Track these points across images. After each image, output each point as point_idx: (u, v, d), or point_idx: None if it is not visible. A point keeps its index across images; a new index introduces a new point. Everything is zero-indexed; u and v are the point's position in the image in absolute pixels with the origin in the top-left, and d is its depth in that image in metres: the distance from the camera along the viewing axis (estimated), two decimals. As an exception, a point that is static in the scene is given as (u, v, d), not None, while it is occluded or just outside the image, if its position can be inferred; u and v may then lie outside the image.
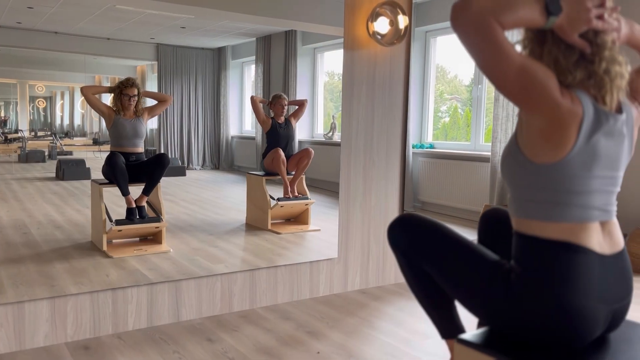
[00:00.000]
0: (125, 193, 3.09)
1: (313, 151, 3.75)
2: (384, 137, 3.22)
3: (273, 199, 3.85)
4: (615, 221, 1.28)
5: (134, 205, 3.12)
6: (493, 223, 1.55)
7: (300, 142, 4.08)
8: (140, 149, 3.33)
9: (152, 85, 3.77)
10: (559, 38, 1.21)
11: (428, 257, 1.40)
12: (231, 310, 2.79)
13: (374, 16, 3.03)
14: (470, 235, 1.68)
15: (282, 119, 3.88)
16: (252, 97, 3.98)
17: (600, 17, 1.18)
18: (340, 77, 3.13)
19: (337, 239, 3.12)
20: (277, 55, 3.99)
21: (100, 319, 2.42)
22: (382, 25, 3.05)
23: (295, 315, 2.76)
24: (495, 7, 1.10)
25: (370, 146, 3.19)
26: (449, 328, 1.50)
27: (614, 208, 1.28)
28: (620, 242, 1.26)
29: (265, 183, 3.92)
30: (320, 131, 4.21)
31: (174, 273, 2.81)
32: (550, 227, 1.21)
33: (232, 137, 4.04)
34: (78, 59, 3.54)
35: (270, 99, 3.94)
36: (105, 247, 3.02)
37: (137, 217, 3.13)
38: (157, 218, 3.24)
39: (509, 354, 1.18)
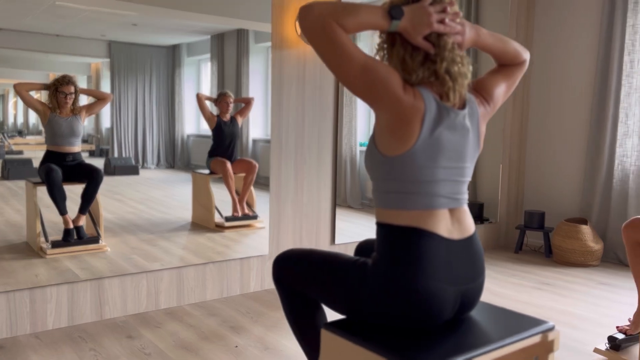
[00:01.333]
0: (62, 212, 2.97)
1: (257, 165, 3.76)
2: (316, 135, 3.28)
3: (221, 215, 3.84)
4: (464, 208, 1.35)
5: (72, 226, 3.00)
6: (366, 251, 1.65)
7: (254, 140, 4.09)
8: (77, 148, 3.28)
9: (106, 83, 3.74)
10: (406, 40, 1.29)
11: (304, 283, 1.47)
12: (157, 307, 2.81)
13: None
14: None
15: (228, 116, 3.89)
16: (197, 95, 3.97)
17: (441, 21, 1.27)
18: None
19: (268, 236, 3.17)
20: (230, 53, 4.00)
21: (17, 319, 2.42)
22: (309, 25, 3.10)
23: (222, 311, 2.80)
24: (336, 11, 1.18)
25: (302, 144, 3.24)
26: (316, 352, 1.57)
27: (464, 196, 1.35)
28: (469, 228, 1.34)
29: (210, 182, 3.93)
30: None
31: (106, 272, 2.82)
32: (401, 215, 1.28)
33: (188, 135, 3.98)
34: (29, 56, 3.49)
35: (216, 97, 3.94)
36: (38, 248, 3.00)
37: (75, 237, 3.03)
38: (96, 239, 3.18)
39: (369, 339, 1.23)
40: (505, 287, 3.31)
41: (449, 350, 1.17)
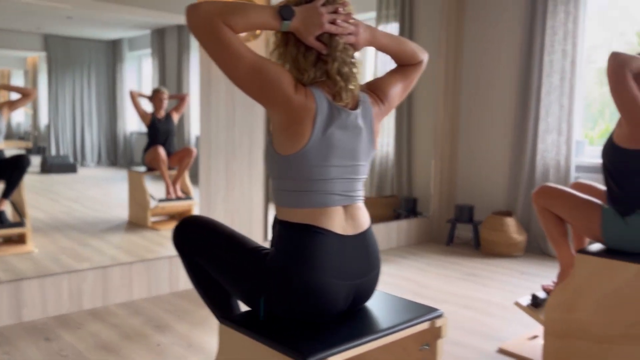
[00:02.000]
0: None
1: (195, 150, 3.74)
2: (247, 132, 3.28)
3: (154, 199, 3.81)
4: (359, 205, 1.40)
5: None
6: None
7: (197, 137, 4.06)
8: (0, 145, 3.19)
9: (43, 78, 3.60)
10: (299, 40, 1.31)
11: (203, 254, 1.48)
12: (80, 308, 2.75)
13: None
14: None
15: (163, 113, 3.84)
16: (130, 92, 3.90)
17: (333, 22, 1.30)
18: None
19: (197, 233, 3.15)
20: (171, 49, 3.93)
21: None
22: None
23: (148, 310, 2.77)
24: (223, 11, 1.18)
25: (232, 141, 3.24)
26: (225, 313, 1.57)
27: (358, 194, 1.40)
28: (363, 224, 1.39)
29: (144, 180, 3.87)
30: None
31: (29, 273, 2.73)
32: (296, 212, 1.32)
33: (130, 132, 3.92)
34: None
35: (150, 94, 3.89)
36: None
37: None
38: (20, 223, 3.10)
39: (263, 332, 1.26)
40: (432, 278, 3.42)
41: (338, 340, 1.22)
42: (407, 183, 4.77)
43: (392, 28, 4.59)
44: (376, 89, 1.46)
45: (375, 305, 1.44)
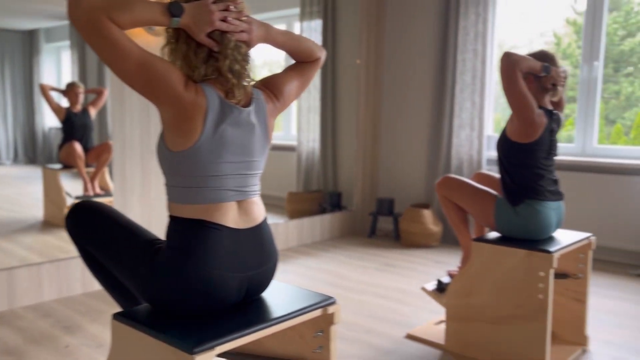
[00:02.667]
0: None
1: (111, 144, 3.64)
2: (162, 127, 3.23)
3: (70, 196, 3.67)
4: (253, 200, 1.42)
5: None
6: None
7: None
8: None
9: None
10: (190, 37, 1.32)
11: (95, 242, 1.46)
12: (-17, 313, 2.62)
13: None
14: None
15: (79, 107, 3.71)
16: (41, 85, 3.73)
17: (224, 20, 1.31)
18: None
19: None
20: None
21: None
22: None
23: (58, 312, 2.68)
24: (107, 6, 1.16)
25: (148, 136, 3.18)
26: (128, 304, 1.57)
27: (253, 189, 1.42)
28: (257, 218, 1.42)
29: (60, 178, 3.72)
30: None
31: None
32: (188, 208, 1.33)
33: (49, 128, 3.73)
34: None
35: (64, 87, 3.75)
36: None
37: None
38: None
39: (155, 326, 1.27)
40: (351, 270, 3.51)
41: (228, 330, 1.25)
42: (332, 178, 4.86)
43: (315, 25, 4.65)
44: (271, 85, 1.49)
45: (270, 295, 1.48)
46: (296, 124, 4.89)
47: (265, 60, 4.78)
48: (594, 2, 3.78)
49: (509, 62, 2.04)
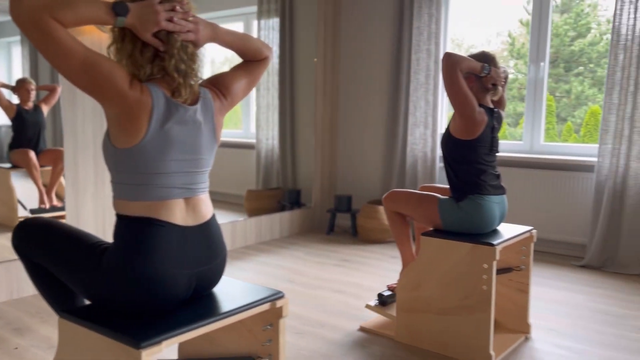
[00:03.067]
0: None
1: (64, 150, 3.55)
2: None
3: (25, 208, 3.55)
4: (201, 197, 1.45)
5: None
6: None
7: None
8: None
9: None
10: (136, 36, 1.33)
11: (43, 255, 1.46)
12: None
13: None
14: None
15: (30, 104, 3.61)
16: None
17: (170, 20, 1.33)
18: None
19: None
20: None
21: None
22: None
23: (8, 314, 2.63)
24: (50, 4, 1.16)
25: (102, 135, 3.14)
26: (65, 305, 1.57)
27: (201, 186, 1.45)
28: (205, 215, 1.44)
29: (11, 177, 3.62)
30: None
31: None
32: (134, 205, 1.34)
33: (0, 125, 3.57)
34: None
35: (14, 84, 3.63)
36: None
37: None
38: None
39: (103, 323, 1.28)
40: (309, 266, 3.56)
41: (175, 325, 1.27)
42: (291, 176, 4.90)
43: (273, 23, 4.67)
44: (219, 84, 1.51)
45: (220, 291, 1.51)
46: (255, 122, 4.90)
47: (227, 57, 4.77)
48: (540, 5, 3.94)
49: (450, 62, 2.13)
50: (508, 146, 4.15)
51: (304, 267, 3.55)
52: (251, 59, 1.59)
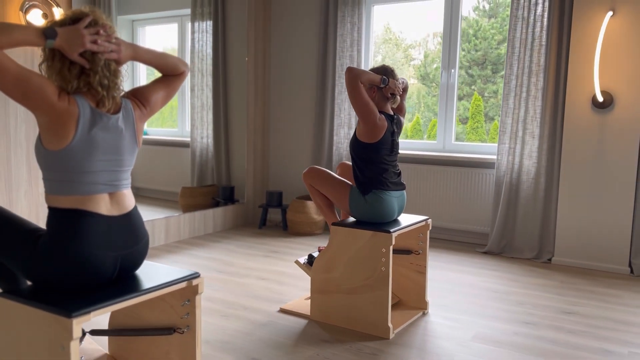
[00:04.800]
0: None
1: None
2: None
3: None
4: (124, 192, 1.68)
5: None
6: None
7: None
8: None
9: None
10: (64, 56, 1.55)
11: None
12: None
13: (26, 8, 3.10)
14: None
15: None
16: None
17: (94, 42, 1.56)
18: None
19: None
20: None
21: None
22: (35, 17, 3.14)
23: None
24: None
25: (35, 135, 3.26)
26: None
27: (124, 182, 1.68)
28: (128, 206, 1.68)
29: None
30: None
31: None
32: (63, 199, 1.57)
33: None
34: None
35: None
36: None
37: None
38: None
39: (37, 299, 1.49)
40: (238, 257, 3.82)
41: (103, 298, 1.51)
42: (225, 173, 5.12)
43: (207, 25, 4.87)
44: (140, 95, 1.76)
45: (143, 272, 1.75)
46: (190, 121, 5.08)
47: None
48: (450, 16, 4.36)
49: (351, 75, 2.45)
50: (424, 145, 4.57)
51: (233, 258, 3.80)
52: (170, 74, 1.83)
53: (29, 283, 1.79)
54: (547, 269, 3.65)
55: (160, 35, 5.08)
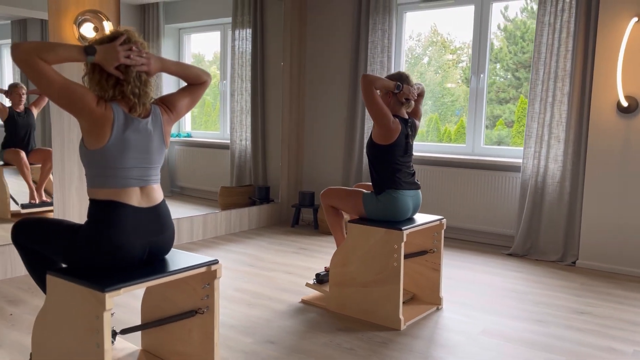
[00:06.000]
0: None
1: (52, 150, 3.94)
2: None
3: (16, 203, 3.95)
4: (153, 186, 1.92)
5: None
6: None
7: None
8: None
9: None
10: (102, 69, 1.81)
11: (37, 242, 1.93)
12: None
13: (79, 22, 3.44)
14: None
15: (22, 107, 3.98)
16: None
17: (128, 57, 1.81)
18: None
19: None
20: (35, 39, 4.02)
21: None
22: (87, 30, 3.47)
23: (3, 290, 3.09)
24: (38, 48, 1.64)
25: (85, 136, 3.59)
26: None
27: (153, 178, 1.92)
28: (156, 199, 1.92)
29: (3, 173, 4.01)
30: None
31: None
32: (100, 192, 1.82)
33: None
34: None
35: (7, 88, 3.99)
36: None
37: None
38: None
39: (80, 276, 1.75)
40: (269, 253, 4.04)
41: (133, 277, 1.75)
42: (262, 174, 5.38)
43: (246, 33, 5.14)
44: (167, 102, 2.00)
45: (170, 258, 1.99)
46: (230, 125, 5.36)
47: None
48: (480, 25, 4.44)
49: (366, 82, 2.62)
50: (453, 149, 4.67)
51: (264, 254, 4.03)
52: (193, 83, 2.07)
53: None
54: (570, 272, 3.68)
55: (204, 42, 5.40)
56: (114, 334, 1.98)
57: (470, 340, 2.51)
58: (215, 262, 1.98)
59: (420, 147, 4.79)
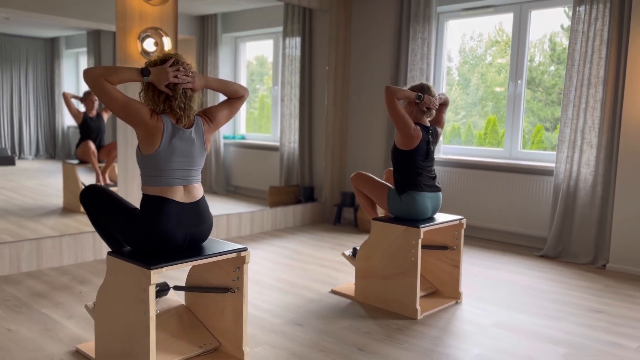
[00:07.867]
0: None
1: (117, 149, 4.39)
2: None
3: (84, 185, 4.46)
4: (194, 185, 2.26)
5: None
6: None
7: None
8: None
9: None
10: (155, 87, 2.17)
11: (100, 210, 2.32)
12: (20, 271, 3.52)
13: (142, 37, 3.89)
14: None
15: (94, 112, 4.46)
16: (63, 94, 4.35)
17: (176, 76, 2.16)
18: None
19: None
20: (107, 49, 4.30)
21: None
22: (149, 45, 3.92)
23: (75, 272, 3.57)
24: (104, 72, 2.03)
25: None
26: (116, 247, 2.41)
27: (195, 178, 2.26)
28: (197, 196, 2.25)
29: (77, 171, 4.53)
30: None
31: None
32: (151, 189, 2.18)
33: (68, 127, 4.35)
34: None
35: (82, 95, 4.46)
36: None
37: None
38: None
39: (133, 257, 2.12)
40: (308, 248, 4.36)
41: (174, 259, 2.10)
42: (308, 174, 5.70)
43: (296, 42, 5.47)
44: (208, 114, 2.34)
45: (206, 245, 2.33)
46: (280, 128, 5.72)
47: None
48: (519, 29, 4.56)
49: (388, 93, 2.87)
50: (491, 152, 4.80)
51: (304, 248, 4.35)
52: (232, 97, 2.40)
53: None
54: (599, 274, 3.76)
55: (259, 50, 5.79)
56: (168, 287, 2.46)
57: (479, 330, 2.71)
58: (244, 249, 2.30)
59: (460, 151, 4.95)
